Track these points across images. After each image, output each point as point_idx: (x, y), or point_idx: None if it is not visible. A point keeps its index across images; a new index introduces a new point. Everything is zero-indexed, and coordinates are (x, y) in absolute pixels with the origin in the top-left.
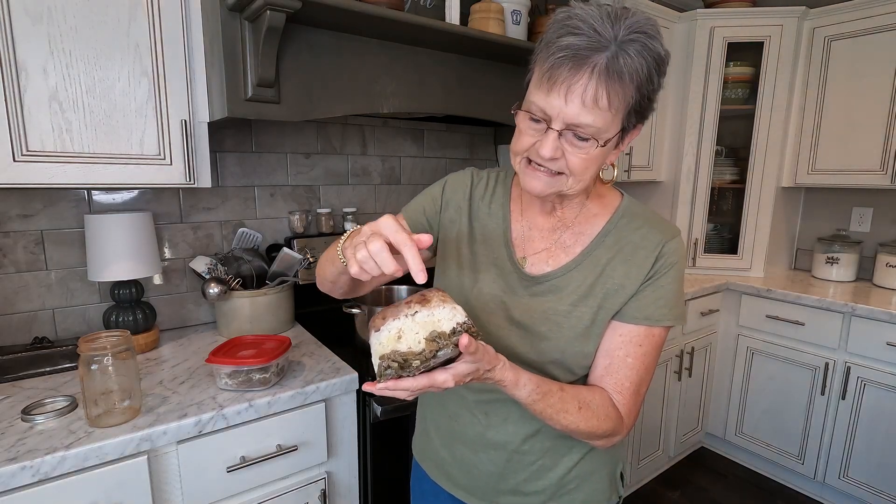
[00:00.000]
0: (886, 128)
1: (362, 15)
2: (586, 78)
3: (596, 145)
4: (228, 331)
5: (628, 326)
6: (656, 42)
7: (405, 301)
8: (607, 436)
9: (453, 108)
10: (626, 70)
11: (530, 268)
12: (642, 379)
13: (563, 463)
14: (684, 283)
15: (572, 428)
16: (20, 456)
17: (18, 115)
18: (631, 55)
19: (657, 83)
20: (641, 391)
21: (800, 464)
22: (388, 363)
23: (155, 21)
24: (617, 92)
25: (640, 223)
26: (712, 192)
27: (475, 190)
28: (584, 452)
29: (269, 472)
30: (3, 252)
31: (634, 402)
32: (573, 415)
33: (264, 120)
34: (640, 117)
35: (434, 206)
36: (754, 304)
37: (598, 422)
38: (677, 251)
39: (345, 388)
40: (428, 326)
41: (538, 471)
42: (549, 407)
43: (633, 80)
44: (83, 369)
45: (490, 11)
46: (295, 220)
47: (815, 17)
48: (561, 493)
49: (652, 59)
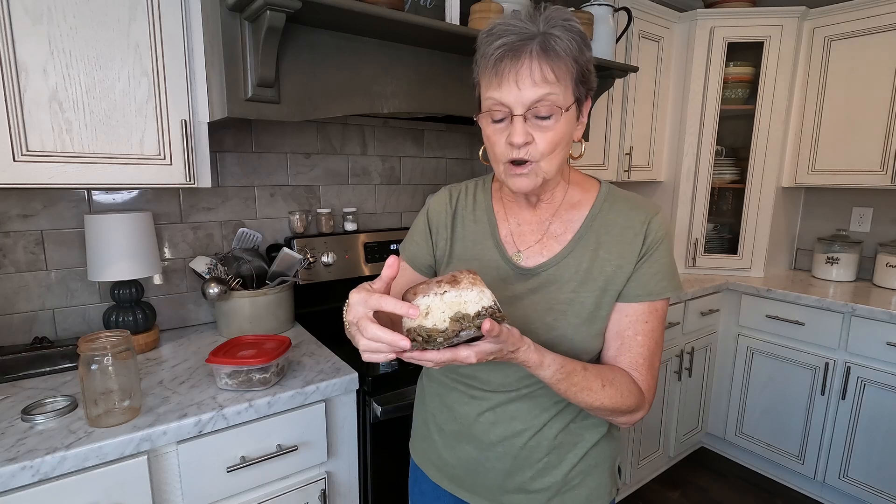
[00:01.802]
0: (886, 128)
1: (362, 15)
2: (528, 61)
3: (557, 118)
4: (228, 331)
5: (633, 306)
6: (573, 22)
7: (436, 280)
8: (631, 411)
9: (453, 108)
10: (559, 47)
11: (525, 261)
12: (654, 353)
13: (569, 459)
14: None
15: (597, 405)
16: (20, 456)
17: (18, 115)
18: (557, 35)
19: (588, 55)
20: (655, 365)
21: (800, 464)
22: (413, 336)
23: (155, 21)
24: (558, 65)
25: (623, 205)
26: (712, 192)
27: (458, 204)
28: (588, 448)
29: (269, 472)
30: (3, 252)
31: (651, 376)
32: (597, 392)
33: (264, 120)
34: (587, 87)
35: (425, 235)
36: (754, 304)
37: (623, 398)
38: (663, 225)
39: (345, 388)
40: (454, 307)
41: (544, 468)
42: (573, 386)
43: (568, 53)
44: (83, 369)
45: (490, 11)
46: (295, 220)
47: (815, 17)
48: (565, 489)
49: (576, 33)
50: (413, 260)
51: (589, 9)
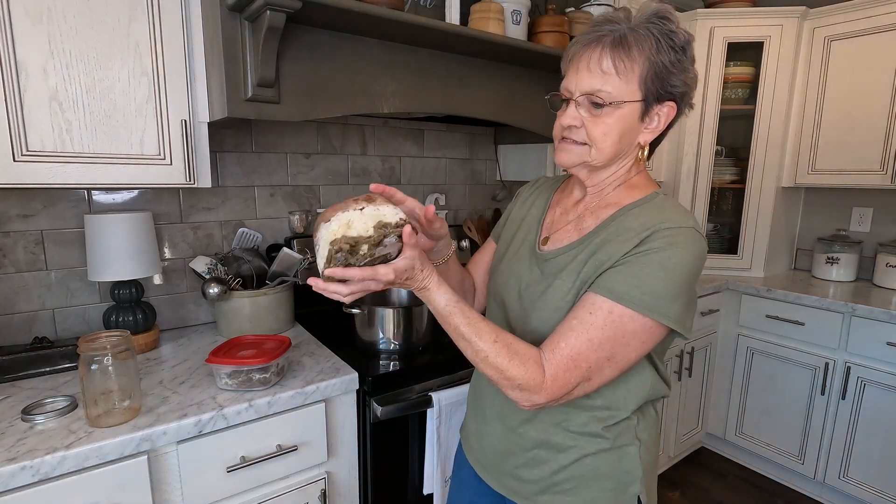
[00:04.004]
0: (886, 128)
1: (362, 15)
2: (596, 50)
3: (612, 109)
4: (228, 331)
5: (588, 293)
6: (669, 22)
7: (352, 199)
8: (518, 385)
9: (453, 108)
10: (634, 42)
11: (546, 247)
12: (582, 350)
13: (557, 459)
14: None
15: (482, 356)
16: (20, 456)
17: (18, 115)
18: (639, 32)
19: (672, 57)
20: (580, 364)
21: (800, 464)
22: (339, 246)
23: (155, 21)
24: (622, 59)
25: (649, 212)
26: (712, 192)
27: (530, 190)
28: (583, 455)
29: (269, 472)
30: (3, 252)
31: (565, 368)
32: (486, 343)
33: (264, 120)
34: (663, 91)
35: (507, 214)
36: (754, 304)
37: (509, 363)
38: (672, 239)
39: (345, 388)
40: (375, 218)
41: (532, 460)
42: (462, 325)
43: (642, 50)
44: (83, 369)
45: (490, 11)
46: (295, 220)
47: (815, 17)
48: (555, 489)
49: (661, 34)
50: (495, 237)
51: (589, 9)
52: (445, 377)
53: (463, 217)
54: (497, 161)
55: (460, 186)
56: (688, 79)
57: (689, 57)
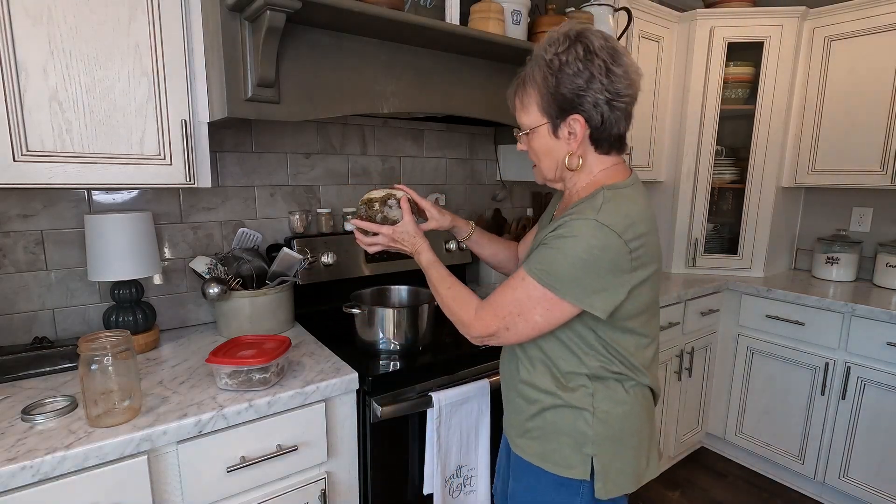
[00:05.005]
0: (886, 128)
1: (362, 15)
2: (511, 93)
3: (530, 136)
4: (228, 331)
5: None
6: (542, 51)
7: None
8: (458, 320)
9: (453, 108)
10: (530, 77)
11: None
12: (501, 303)
13: (528, 409)
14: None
15: (441, 299)
16: (20, 456)
17: (18, 115)
18: (533, 66)
19: (554, 80)
20: (498, 312)
21: (800, 464)
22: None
23: (155, 21)
24: (521, 96)
25: (581, 206)
26: (712, 192)
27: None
28: (543, 409)
29: (269, 472)
30: (3, 252)
31: (487, 312)
32: (444, 290)
33: (264, 120)
34: (562, 108)
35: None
36: (754, 304)
37: (456, 305)
38: (571, 228)
39: (345, 388)
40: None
41: (515, 408)
42: (434, 277)
43: (534, 83)
44: (83, 369)
45: (490, 11)
46: (295, 220)
47: (815, 17)
48: (528, 435)
49: (547, 63)
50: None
51: (589, 9)
52: (445, 377)
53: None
54: (497, 161)
55: (460, 186)
56: (578, 87)
57: (575, 62)
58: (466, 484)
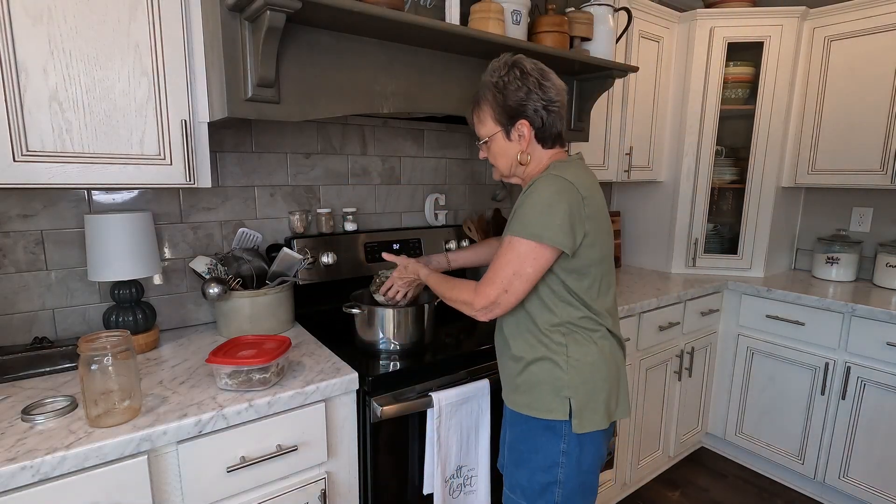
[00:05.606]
0: (886, 128)
1: (362, 15)
2: (469, 110)
3: (489, 143)
4: (228, 331)
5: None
6: (489, 76)
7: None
8: (462, 301)
9: (453, 108)
10: (482, 96)
11: None
12: (497, 271)
13: (515, 367)
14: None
15: (444, 297)
16: (20, 456)
17: (18, 115)
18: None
19: (501, 96)
20: (495, 280)
21: (800, 464)
22: (374, 282)
23: (155, 21)
24: (478, 113)
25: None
26: (712, 192)
27: None
28: (528, 364)
29: (269, 472)
30: (3, 252)
31: (488, 285)
32: (445, 289)
33: (264, 120)
34: (511, 117)
35: None
36: (754, 304)
37: (457, 293)
38: (535, 185)
39: (345, 388)
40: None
41: (504, 366)
42: (434, 284)
43: (486, 100)
44: (83, 369)
45: (490, 11)
46: (295, 220)
47: (815, 17)
48: (517, 390)
49: (489, 87)
50: None
51: (589, 9)
52: (445, 377)
53: (463, 217)
54: None
55: (460, 186)
56: (520, 99)
57: (514, 81)
58: (466, 484)
